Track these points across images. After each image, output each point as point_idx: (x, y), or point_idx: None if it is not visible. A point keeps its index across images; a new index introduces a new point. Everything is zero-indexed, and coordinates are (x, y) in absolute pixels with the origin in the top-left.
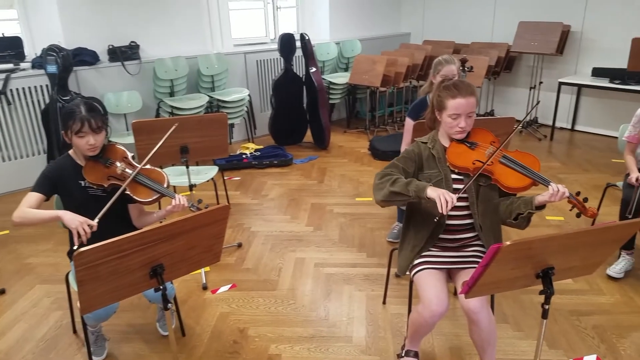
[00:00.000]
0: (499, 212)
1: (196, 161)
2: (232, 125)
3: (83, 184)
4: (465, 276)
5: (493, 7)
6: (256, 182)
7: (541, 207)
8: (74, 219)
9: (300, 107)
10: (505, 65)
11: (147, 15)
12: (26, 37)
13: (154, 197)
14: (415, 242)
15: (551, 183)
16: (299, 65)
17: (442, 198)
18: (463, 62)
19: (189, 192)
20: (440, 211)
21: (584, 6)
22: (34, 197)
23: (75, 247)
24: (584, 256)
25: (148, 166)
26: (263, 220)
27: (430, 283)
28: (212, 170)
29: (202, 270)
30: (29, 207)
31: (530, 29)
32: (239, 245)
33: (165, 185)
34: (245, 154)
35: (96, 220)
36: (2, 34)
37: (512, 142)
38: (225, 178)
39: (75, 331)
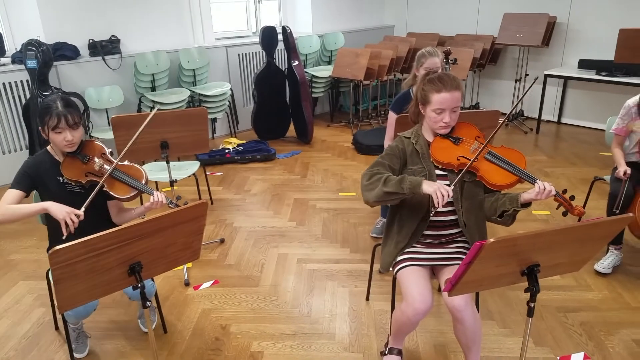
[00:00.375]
0: (483, 208)
1: (178, 156)
2: (214, 120)
3: (61, 180)
4: (449, 273)
5: None
6: (239, 177)
7: (527, 204)
8: (61, 210)
9: (283, 101)
10: (490, 57)
11: (127, 9)
12: (6, 31)
13: (132, 194)
14: (399, 238)
15: (537, 181)
16: (281, 59)
17: (438, 193)
18: (447, 54)
19: (169, 188)
20: (436, 205)
21: None
22: (14, 194)
23: (63, 237)
24: (571, 253)
25: (127, 163)
26: (246, 216)
27: (413, 280)
28: (193, 166)
29: (184, 267)
30: (10, 204)
31: (516, 21)
32: (222, 241)
33: (143, 182)
34: (228, 149)
35: (82, 209)
36: None
37: (498, 137)
38: (207, 173)
39: (57, 328)
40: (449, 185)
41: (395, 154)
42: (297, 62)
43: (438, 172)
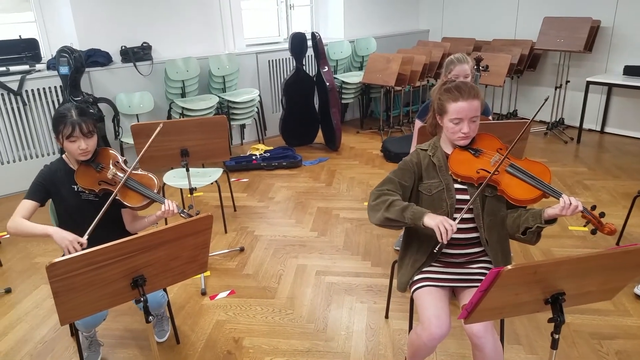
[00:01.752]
0: (506, 225)
1: (202, 163)
2: (243, 126)
3: (76, 189)
4: (469, 296)
5: (516, 2)
6: (264, 184)
7: (551, 221)
8: (63, 238)
9: (311, 108)
10: (529, 63)
11: (159, 16)
12: (42, 38)
13: (145, 203)
14: (417, 256)
15: (563, 195)
16: (310, 65)
17: (441, 227)
18: (477, 60)
19: (189, 195)
20: (440, 241)
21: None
22: (28, 204)
23: None
24: (601, 281)
25: (140, 171)
26: (267, 224)
27: (430, 302)
28: (216, 173)
29: (202, 275)
30: (23, 215)
31: (556, 25)
32: (241, 250)
33: (155, 191)
34: (255, 155)
35: (85, 237)
36: (20, 36)
37: (534, 146)
38: (233, 180)
39: (73, 334)
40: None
41: (408, 169)
42: (326, 69)
43: (457, 185)
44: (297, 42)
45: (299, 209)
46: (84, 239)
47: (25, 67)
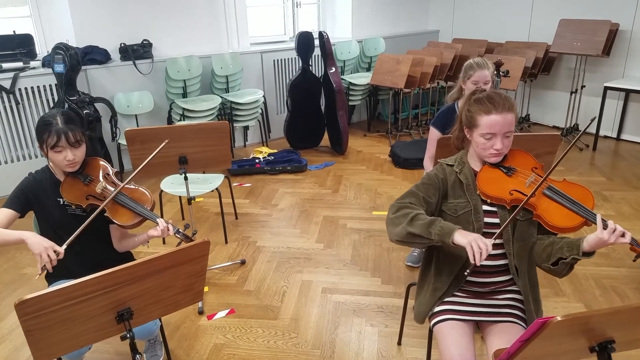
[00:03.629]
0: (533, 252)
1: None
2: (246, 128)
3: (62, 202)
4: (498, 332)
5: (531, 3)
6: (267, 189)
7: (590, 253)
8: (38, 243)
9: (318, 110)
10: (543, 66)
11: (161, 12)
12: (38, 34)
13: (136, 221)
14: (437, 284)
15: (609, 222)
16: (317, 65)
17: (474, 246)
18: (498, 65)
19: (188, 205)
20: (472, 262)
21: (635, 2)
22: (6, 213)
23: (39, 274)
24: None
25: (132, 185)
26: (271, 234)
27: (453, 338)
28: (217, 179)
29: None
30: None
31: (573, 28)
32: (242, 263)
33: (149, 207)
34: (258, 158)
35: (64, 247)
36: (14, 31)
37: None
38: (235, 184)
39: (60, 358)
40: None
41: (433, 184)
42: (333, 69)
43: (485, 207)
44: (304, 42)
45: (304, 217)
46: (61, 248)
47: (19, 64)
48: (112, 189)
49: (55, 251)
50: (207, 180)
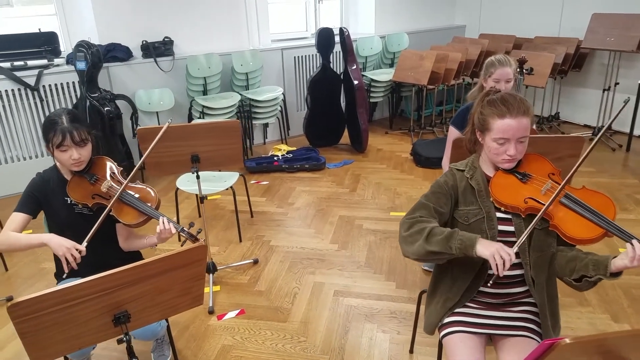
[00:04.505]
0: (554, 264)
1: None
2: (266, 125)
3: (69, 201)
4: (511, 348)
5: None
6: (284, 187)
7: (617, 274)
8: (60, 245)
9: (337, 107)
10: (574, 63)
11: (182, 10)
12: (63, 32)
13: (141, 220)
14: (449, 294)
15: (634, 240)
16: (337, 62)
17: (497, 257)
18: (521, 62)
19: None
20: (495, 273)
21: None
22: (19, 218)
23: (66, 273)
24: None
25: (138, 185)
26: (285, 233)
27: (463, 352)
28: (232, 177)
29: (211, 291)
30: (14, 229)
31: (606, 22)
32: (255, 262)
33: (154, 206)
34: (277, 156)
35: (84, 244)
36: (39, 29)
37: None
38: (253, 182)
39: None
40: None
41: (443, 192)
42: (354, 66)
43: (499, 214)
44: (324, 38)
45: (319, 217)
46: (82, 246)
47: (44, 62)
48: (118, 188)
49: (77, 249)
50: (222, 178)
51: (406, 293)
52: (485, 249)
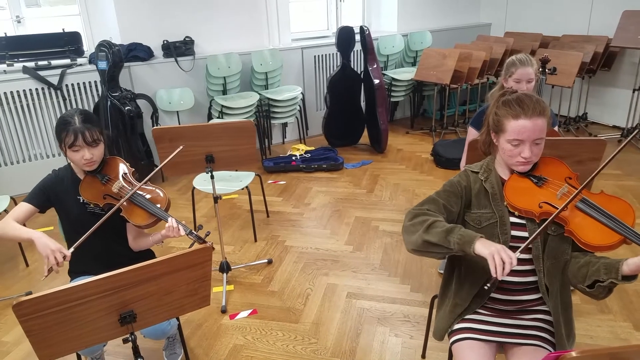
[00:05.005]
0: (567, 271)
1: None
2: (285, 125)
3: (81, 200)
4: (522, 357)
5: None
6: (301, 187)
7: (631, 277)
8: (45, 245)
9: (357, 107)
10: (603, 62)
11: (203, 9)
12: (86, 32)
13: (151, 221)
14: (458, 299)
15: None
16: (357, 61)
17: (496, 257)
18: (544, 62)
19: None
20: (494, 275)
21: None
22: (24, 207)
23: (45, 275)
24: None
25: (149, 186)
26: (300, 234)
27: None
28: (248, 177)
29: (224, 290)
30: (16, 218)
31: (637, 20)
32: (269, 262)
33: (164, 207)
34: (295, 156)
35: (71, 250)
36: (63, 29)
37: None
38: (270, 181)
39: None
40: (521, 244)
41: (455, 192)
42: (375, 66)
43: (513, 219)
44: (344, 37)
45: (335, 217)
46: (68, 252)
47: (67, 61)
48: (130, 189)
49: (62, 254)
50: (239, 178)
51: (421, 297)
52: (485, 247)
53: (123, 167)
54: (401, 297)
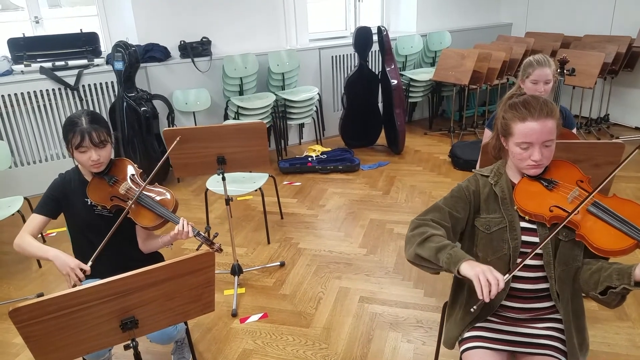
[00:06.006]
0: (579, 278)
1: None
2: (301, 125)
3: (89, 202)
4: None
5: None
6: (316, 189)
7: None
8: (65, 264)
9: (374, 108)
10: (625, 62)
11: (220, 10)
12: (103, 32)
13: (158, 223)
14: (468, 307)
15: None
16: (375, 62)
17: (482, 278)
18: (562, 63)
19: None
20: (480, 297)
21: None
22: (37, 220)
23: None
24: None
25: (157, 187)
26: (314, 236)
27: None
28: (261, 179)
29: (235, 293)
30: (32, 231)
31: None
32: (282, 265)
33: (171, 209)
34: (311, 157)
35: (89, 263)
36: (81, 29)
37: (621, 168)
38: (285, 182)
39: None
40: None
41: (462, 198)
42: (392, 66)
43: (523, 224)
44: (362, 37)
45: (350, 219)
46: (87, 266)
47: (84, 62)
48: (137, 190)
49: (81, 269)
50: (252, 179)
51: (434, 302)
52: (471, 268)
53: (131, 169)
54: (414, 301)
